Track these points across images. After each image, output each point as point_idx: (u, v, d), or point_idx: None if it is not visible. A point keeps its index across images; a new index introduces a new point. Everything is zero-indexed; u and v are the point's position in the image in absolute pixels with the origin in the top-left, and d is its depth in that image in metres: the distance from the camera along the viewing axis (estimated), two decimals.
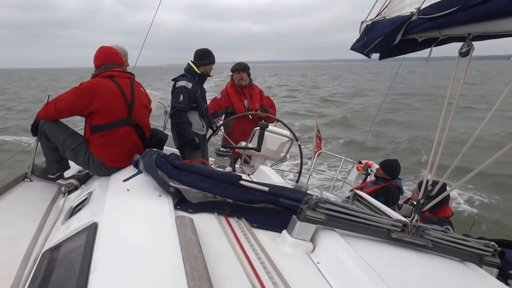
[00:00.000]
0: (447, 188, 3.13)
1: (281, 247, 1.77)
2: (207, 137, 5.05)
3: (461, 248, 2.07)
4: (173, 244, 1.56)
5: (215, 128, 5.08)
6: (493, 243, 2.16)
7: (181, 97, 4.60)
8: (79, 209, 2.45)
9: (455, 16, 2.10)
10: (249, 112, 5.45)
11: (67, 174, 3.49)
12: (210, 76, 4.90)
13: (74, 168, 3.60)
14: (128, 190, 2.32)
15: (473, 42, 2.19)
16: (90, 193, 2.66)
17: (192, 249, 1.48)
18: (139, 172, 2.61)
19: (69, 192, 3.15)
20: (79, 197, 2.78)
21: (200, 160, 2.94)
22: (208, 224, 1.87)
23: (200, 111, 4.80)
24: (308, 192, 2.23)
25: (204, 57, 4.77)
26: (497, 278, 2.14)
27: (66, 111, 3.10)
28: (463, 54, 2.18)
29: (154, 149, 2.65)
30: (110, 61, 3.30)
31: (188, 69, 4.80)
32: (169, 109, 6.30)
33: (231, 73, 5.72)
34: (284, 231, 1.83)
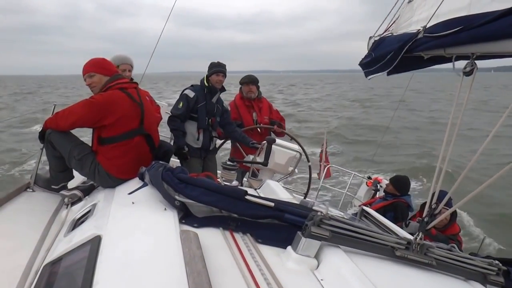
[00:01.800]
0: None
1: (286, 263, 1.77)
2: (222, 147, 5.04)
3: (465, 267, 2.06)
4: (177, 258, 1.56)
5: (251, 146, 5.01)
6: (497, 262, 2.15)
7: (180, 104, 4.68)
8: (83, 221, 2.43)
9: (459, 36, 2.14)
10: (259, 125, 5.50)
11: (70, 185, 3.45)
12: (219, 89, 4.90)
13: (77, 179, 3.56)
14: (133, 203, 2.31)
15: (476, 62, 2.22)
16: (94, 205, 2.64)
17: (196, 264, 1.48)
18: (145, 184, 2.61)
19: (72, 204, 3.12)
20: (82, 209, 2.76)
21: (205, 174, 2.96)
22: (213, 239, 1.88)
23: (199, 123, 4.80)
24: (314, 208, 2.24)
25: (211, 66, 4.84)
26: None
27: (78, 125, 3.11)
28: (467, 73, 2.20)
29: (161, 162, 2.66)
30: (116, 71, 3.30)
31: (201, 80, 4.89)
32: None
33: (240, 86, 5.77)
34: (289, 247, 1.84)
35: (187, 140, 4.76)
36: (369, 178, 7.09)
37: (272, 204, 2.05)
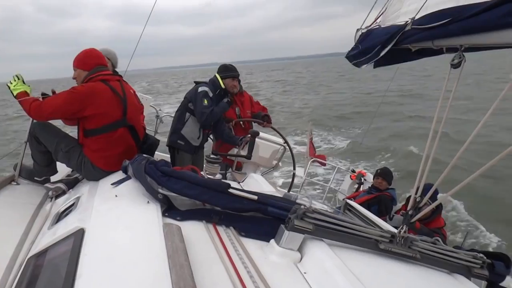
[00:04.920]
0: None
1: (269, 256, 1.75)
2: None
3: (450, 260, 2.06)
4: (160, 251, 1.55)
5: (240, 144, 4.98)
6: (481, 255, 2.15)
7: (205, 101, 4.61)
8: (66, 214, 2.43)
9: (448, 28, 2.11)
10: (241, 119, 5.46)
11: (54, 178, 3.45)
12: (230, 93, 4.89)
13: (62, 172, 3.56)
14: (116, 196, 2.31)
15: (464, 54, 2.20)
16: (78, 198, 2.64)
17: (179, 257, 1.47)
18: (128, 177, 2.59)
19: (57, 197, 3.12)
20: (66, 202, 2.75)
21: (189, 167, 2.92)
22: (196, 232, 1.86)
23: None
24: (297, 201, 2.21)
25: (223, 71, 4.82)
26: None
27: (58, 115, 3.07)
28: (455, 65, 2.18)
29: (144, 155, 2.64)
30: (99, 63, 3.27)
31: (213, 80, 4.83)
32: (161, 114, 6.30)
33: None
34: (272, 240, 1.82)
35: (187, 136, 4.71)
36: (353, 171, 7.11)
37: (255, 197, 2.03)
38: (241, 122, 5.37)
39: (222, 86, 4.75)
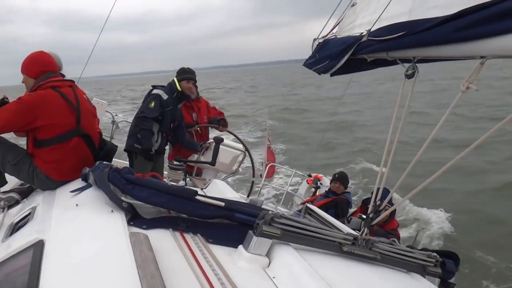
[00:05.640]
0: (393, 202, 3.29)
1: (238, 262, 1.77)
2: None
3: (407, 260, 2.17)
4: (128, 262, 1.52)
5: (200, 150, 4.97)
6: (435, 254, 2.29)
7: (153, 104, 4.56)
8: (22, 226, 2.31)
9: (402, 40, 2.24)
10: (199, 125, 5.46)
11: (5, 188, 3.21)
12: (189, 97, 4.86)
13: (14, 180, 3.36)
14: (77, 205, 2.22)
15: (417, 65, 2.35)
16: (34, 208, 2.51)
17: (149, 266, 1.45)
18: (89, 186, 2.51)
19: (9, 207, 2.94)
20: (20, 212, 2.62)
21: (151, 174, 2.89)
22: (163, 240, 1.84)
23: (163, 127, 4.72)
24: (263, 206, 2.26)
25: (179, 73, 4.80)
26: (439, 287, 2.27)
27: (6, 130, 2.87)
28: (409, 76, 2.32)
29: (105, 162, 2.57)
30: (48, 69, 3.07)
31: (171, 83, 4.79)
32: (117, 119, 6.18)
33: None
34: (240, 246, 1.84)
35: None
36: (309, 175, 7.25)
37: (222, 203, 2.05)
38: (198, 128, 5.37)
39: (179, 88, 4.72)
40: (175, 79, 4.78)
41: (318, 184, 6.77)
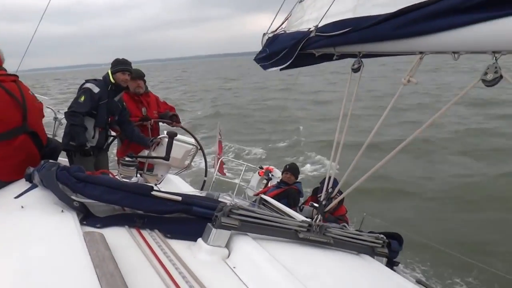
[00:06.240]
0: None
1: (197, 255, 1.80)
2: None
3: (357, 242, 2.31)
4: (84, 262, 1.48)
5: (151, 145, 4.87)
6: (382, 236, 2.45)
7: (82, 98, 4.40)
8: None
9: (348, 36, 2.36)
10: (151, 120, 5.40)
11: None
12: (125, 88, 4.73)
13: None
14: (22, 207, 2.09)
15: (363, 59, 2.48)
16: None
17: (107, 265, 1.43)
18: (34, 186, 2.38)
19: None
20: None
21: (101, 171, 2.83)
22: (119, 238, 1.82)
23: (98, 122, 4.57)
24: (220, 199, 2.30)
25: (114, 65, 4.64)
26: (386, 265, 2.44)
27: None
28: (355, 70, 2.45)
29: (51, 161, 2.47)
30: None
31: (105, 76, 4.63)
32: (59, 115, 5.95)
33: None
34: (200, 239, 1.87)
35: None
36: (261, 168, 7.36)
37: (179, 198, 2.05)
38: (149, 124, 5.32)
39: (112, 80, 4.59)
40: (109, 71, 4.65)
41: (270, 175, 6.91)
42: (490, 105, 20.32)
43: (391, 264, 2.52)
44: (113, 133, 5.08)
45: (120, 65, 4.64)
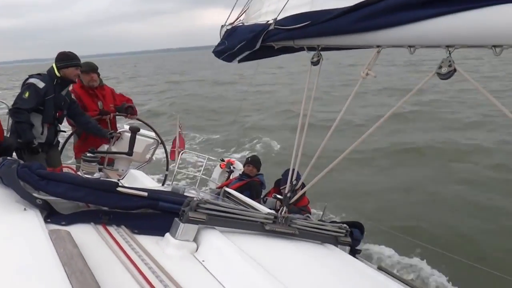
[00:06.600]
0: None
1: (166, 249, 1.81)
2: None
3: (321, 232, 2.38)
4: (52, 260, 1.46)
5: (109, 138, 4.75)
6: (345, 225, 2.53)
7: (27, 94, 4.25)
8: None
9: (307, 30, 2.40)
10: (109, 114, 5.28)
11: None
12: (74, 82, 4.60)
13: None
14: None
15: (322, 52, 2.54)
16: None
17: (76, 263, 1.42)
18: None
19: None
20: None
21: (61, 167, 2.77)
22: (86, 236, 1.80)
23: (45, 117, 4.43)
24: (186, 193, 2.31)
25: (63, 59, 4.47)
26: (349, 254, 2.53)
27: None
28: (314, 63, 2.50)
29: (10, 158, 2.40)
30: None
31: (49, 70, 4.47)
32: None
33: None
34: (167, 234, 1.87)
35: None
36: (222, 160, 7.37)
37: (145, 193, 2.05)
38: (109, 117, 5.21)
39: (58, 74, 4.45)
40: (54, 65, 4.50)
41: (231, 168, 6.92)
42: None
43: (353, 252, 2.62)
44: (64, 129, 4.93)
45: (72, 60, 4.50)
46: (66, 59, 4.50)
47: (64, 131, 4.96)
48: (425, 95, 19.56)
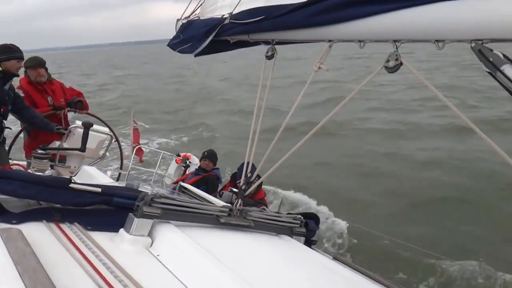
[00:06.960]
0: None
1: (120, 245, 1.79)
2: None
3: (276, 224, 2.43)
4: (3, 259, 1.42)
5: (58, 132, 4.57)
6: (299, 216, 2.59)
7: None
8: None
9: (262, 24, 2.42)
10: (63, 109, 5.11)
11: None
12: (17, 75, 4.41)
13: None
14: None
15: (276, 47, 2.57)
16: None
17: (28, 261, 1.39)
18: None
19: None
20: None
21: (11, 164, 2.68)
22: (38, 234, 1.75)
23: None
24: (140, 189, 2.29)
25: (4, 52, 4.27)
26: (304, 244, 2.59)
27: None
28: (269, 57, 2.53)
29: None
30: None
31: None
32: None
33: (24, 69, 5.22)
34: (122, 230, 1.86)
35: None
36: (178, 155, 7.31)
37: (99, 189, 2.02)
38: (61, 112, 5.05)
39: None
40: None
41: (188, 162, 6.88)
42: None
43: (309, 242, 2.68)
44: (8, 126, 4.72)
45: (13, 52, 4.32)
46: (7, 51, 4.31)
47: (10, 128, 4.76)
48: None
